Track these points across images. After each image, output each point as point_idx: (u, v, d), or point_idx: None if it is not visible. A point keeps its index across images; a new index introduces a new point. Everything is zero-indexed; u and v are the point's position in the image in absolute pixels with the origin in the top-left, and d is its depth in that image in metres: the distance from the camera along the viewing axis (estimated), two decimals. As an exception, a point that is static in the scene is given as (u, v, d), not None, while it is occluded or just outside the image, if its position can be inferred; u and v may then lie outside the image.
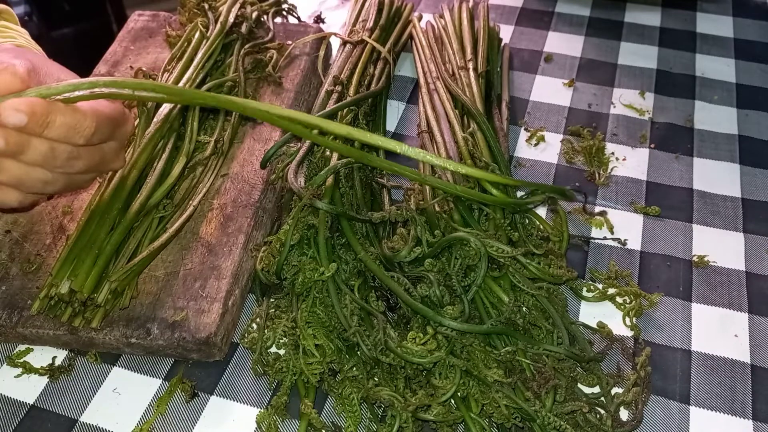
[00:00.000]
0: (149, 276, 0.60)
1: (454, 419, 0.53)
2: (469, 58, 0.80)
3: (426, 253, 0.58)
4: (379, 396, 0.53)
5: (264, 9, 0.87)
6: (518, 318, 0.56)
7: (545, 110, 0.85)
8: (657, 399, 0.57)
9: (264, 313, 0.60)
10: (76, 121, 0.49)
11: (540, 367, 0.54)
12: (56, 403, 0.56)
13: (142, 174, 0.63)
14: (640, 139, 0.81)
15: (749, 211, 0.72)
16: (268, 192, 0.68)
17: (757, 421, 0.55)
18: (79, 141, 0.50)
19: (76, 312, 0.56)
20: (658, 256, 0.68)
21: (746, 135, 0.81)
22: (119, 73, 0.82)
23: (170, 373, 0.58)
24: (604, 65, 0.92)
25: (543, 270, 0.60)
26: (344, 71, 0.78)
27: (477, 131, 0.71)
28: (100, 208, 0.60)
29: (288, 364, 0.56)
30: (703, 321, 0.62)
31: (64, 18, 1.80)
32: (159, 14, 0.92)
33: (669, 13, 1.01)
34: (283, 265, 0.60)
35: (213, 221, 0.65)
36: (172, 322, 0.57)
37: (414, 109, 0.84)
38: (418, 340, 0.54)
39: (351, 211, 0.62)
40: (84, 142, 0.50)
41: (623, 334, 0.61)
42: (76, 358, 0.59)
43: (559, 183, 0.75)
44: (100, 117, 0.51)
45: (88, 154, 0.52)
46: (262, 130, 0.74)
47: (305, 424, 0.53)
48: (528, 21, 1.00)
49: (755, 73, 0.91)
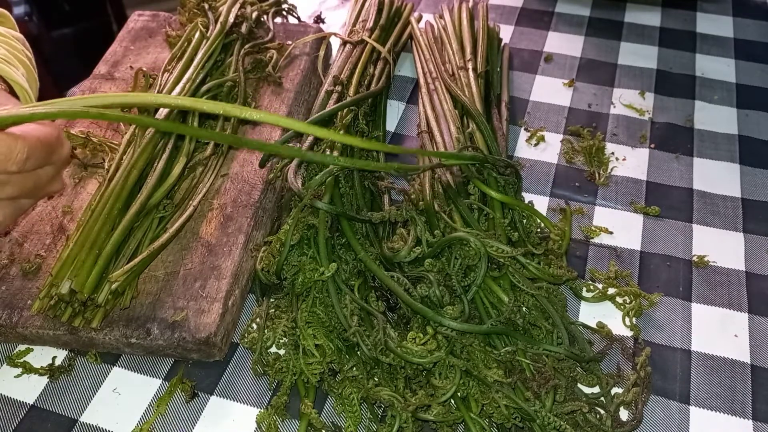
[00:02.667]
0: (149, 276, 0.61)
1: (454, 419, 0.53)
2: (469, 58, 0.80)
3: (426, 253, 0.58)
4: (379, 396, 0.53)
5: (264, 9, 0.87)
6: (518, 318, 0.56)
7: (545, 110, 0.85)
8: (657, 399, 0.57)
9: (264, 313, 0.60)
10: (6, 147, 0.46)
11: (540, 367, 0.54)
12: (56, 403, 0.56)
13: (142, 174, 0.63)
14: (640, 139, 0.81)
15: (749, 211, 0.72)
16: (268, 192, 0.68)
17: (757, 421, 0.55)
18: (11, 168, 0.47)
19: (76, 312, 0.56)
20: (658, 256, 0.68)
21: (746, 135, 0.81)
22: (119, 73, 0.82)
23: (170, 373, 0.58)
24: (604, 65, 0.92)
25: (543, 270, 0.60)
26: (344, 71, 0.78)
27: (476, 131, 0.71)
28: (100, 208, 0.60)
29: (288, 364, 0.56)
30: (703, 321, 0.62)
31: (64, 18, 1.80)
32: (159, 14, 0.92)
33: (669, 13, 1.01)
34: (283, 265, 0.60)
35: (213, 221, 0.65)
36: (172, 322, 0.57)
37: (414, 109, 0.84)
38: (418, 340, 0.54)
39: (351, 211, 0.62)
40: (17, 169, 0.47)
41: (623, 334, 0.61)
42: (76, 358, 0.59)
43: (559, 183, 0.75)
44: (33, 142, 0.48)
45: (20, 179, 0.49)
46: (261, 130, 0.74)
47: (305, 424, 0.53)
48: (528, 21, 1.00)
49: (755, 73, 0.91)
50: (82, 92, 0.79)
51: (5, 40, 0.75)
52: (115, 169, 0.64)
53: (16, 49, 0.76)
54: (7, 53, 0.73)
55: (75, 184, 0.69)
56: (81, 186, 0.68)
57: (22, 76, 0.72)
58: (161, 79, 0.74)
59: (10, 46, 0.75)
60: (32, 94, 0.74)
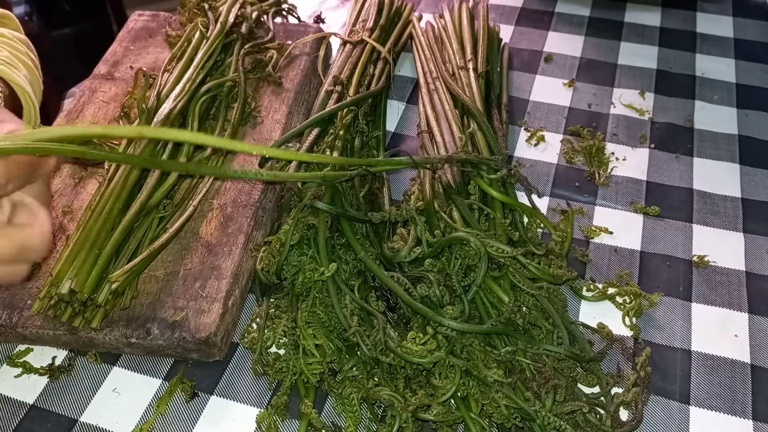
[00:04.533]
0: (149, 276, 0.60)
1: (454, 419, 0.53)
2: (469, 58, 0.80)
3: (426, 253, 0.58)
4: (379, 396, 0.53)
5: (264, 9, 0.87)
6: (518, 318, 0.56)
7: (545, 110, 0.85)
8: (657, 399, 0.57)
9: (264, 313, 0.60)
10: None
11: (540, 367, 0.54)
12: (56, 403, 0.56)
13: (142, 174, 0.63)
14: (640, 139, 0.81)
15: (749, 211, 0.72)
16: (268, 192, 0.68)
17: (757, 421, 0.55)
18: None
19: (76, 312, 0.56)
20: (658, 256, 0.68)
21: (746, 135, 0.81)
22: (119, 73, 0.82)
23: (170, 373, 0.58)
24: (604, 65, 0.92)
25: (543, 270, 0.60)
26: (344, 71, 0.78)
27: (477, 131, 0.71)
28: (100, 208, 0.60)
29: (288, 364, 0.56)
30: (703, 321, 0.62)
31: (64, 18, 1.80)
32: (159, 14, 0.92)
33: (669, 13, 1.01)
34: (283, 265, 0.60)
35: (213, 221, 0.65)
36: (172, 322, 0.57)
37: (414, 109, 0.84)
38: (418, 340, 0.54)
39: (351, 211, 0.62)
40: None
41: (623, 334, 0.61)
42: (76, 358, 0.59)
43: (559, 183, 0.75)
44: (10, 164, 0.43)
45: None
46: (261, 129, 0.74)
47: (305, 424, 0.53)
48: (528, 21, 1.00)
49: (755, 73, 0.91)
50: (82, 92, 0.79)
51: (8, 42, 0.75)
52: (115, 169, 0.64)
53: (19, 51, 0.76)
54: (9, 55, 0.73)
55: (75, 184, 0.69)
56: (81, 186, 0.68)
57: (24, 78, 0.72)
58: (161, 79, 0.74)
59: (13, 48, 0.75)
60: (34, 97, 0.74)
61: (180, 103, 0.69)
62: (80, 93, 0.79)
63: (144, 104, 0.69)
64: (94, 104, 0.78)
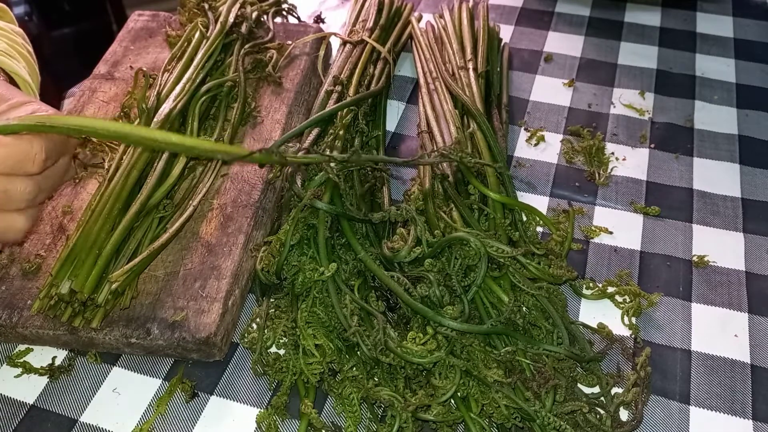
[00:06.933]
0: (149, 276, 0.61)
1: (454, 419, 0.53)
2: (469, 58, 0.80)
3: (426, 253, 0.58)
4: (379, 396, 0.53)
5: (264, 9, 0.87)
6: (518, 318, 0.56)
7: (545, 110, 0.85)
8: (657, 399, 0.57)
9: (264, 313, 0.60)
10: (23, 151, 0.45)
11: (540, 367, 0.54)
12: (56, 403, 0.56)
13: (142, 174, 0.63)
14: (640, 139, 0.81)
15: (749, 211, 0.72)
16: (268, 192, 0.68)
17: (757, 421, 0.55)
18: (32, 170, 0.46)
19: (76, 312, 0.56)
20: (658, 256, 0.68)
21: (746, 135, 0.81)
22: (119, 73, 0.82)
23: (170, 373, 0.58)
24: (604, 65, 0.92)
25: (543, 270, 0.60)
26: (344, 71, 0.78)
27: (477, 131, 0.71)
28: (100, 208, 0.60)
29: (288, 364, 0.56)
30: (703, 321, 0.62)
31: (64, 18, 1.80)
32: (159, 14, 0.92)
33: (669, 13, 1.01)
34: (283, 265, 0.60)
35: (213, 221, 0.65)
36: (172, 322, 0.57)
37: (414, 109, 0.84)
38: (418, 340, 0.54)
39: (351, 211, 0.62)
40: (38, 170, 0.47)
41: (623, 334, 0.61)
42: (76, 358, 0.59)
43: (559, 183, 0.75)
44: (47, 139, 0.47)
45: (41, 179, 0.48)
46: (261, 129, 0.74)
47: (305, 424, 0.53)
48: (528, 21, 1.00)
49: (755, 73, 0.91)
50: (82, 92, 0.79)
51: (5, 34, 0.75)
52: (115, 169, 0.64)
53: (16, 43, 0.76)
54: (8, 47, 0.73)
55: (75, 184, 0.69)
56: (81, 186, 0.68)
57: (23, 69, 0.72)
58: (161, 79, 0.74)
59: (10, 40, 0.75)
60: (34, 87, 0.74)
61: (180, 103, 0.69)
62: (80, 93, 0.79)
63: (144, 104, 0.69)
64: (94, 104, 0.78)
